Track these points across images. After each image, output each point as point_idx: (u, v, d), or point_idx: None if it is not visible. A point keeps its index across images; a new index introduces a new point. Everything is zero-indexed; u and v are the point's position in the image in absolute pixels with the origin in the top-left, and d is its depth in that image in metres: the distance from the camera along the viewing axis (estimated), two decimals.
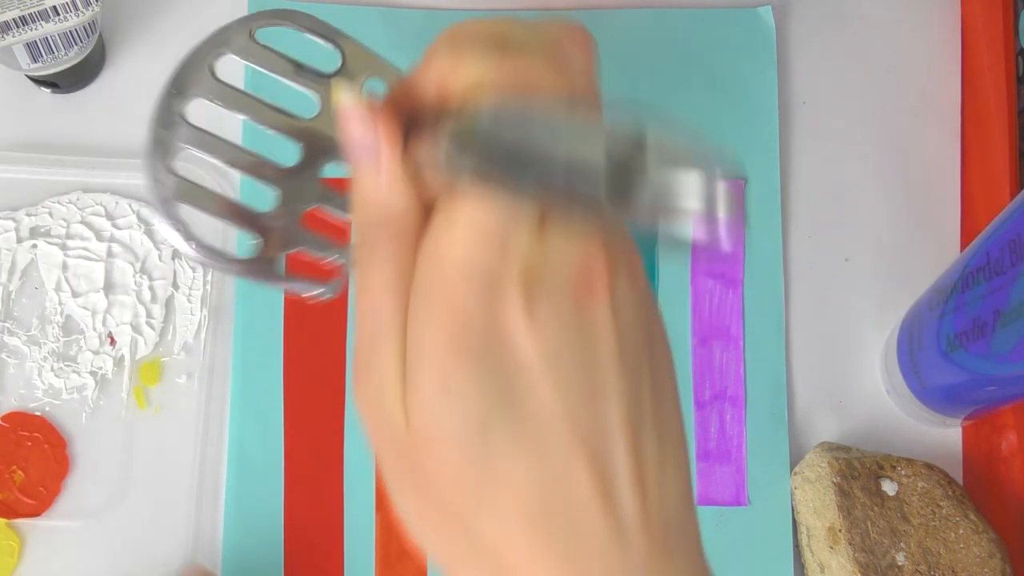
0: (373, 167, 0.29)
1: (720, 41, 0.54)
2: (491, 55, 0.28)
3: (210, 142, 0.42)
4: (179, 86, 0.42)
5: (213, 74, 0.42)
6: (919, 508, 0.48)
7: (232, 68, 0.40)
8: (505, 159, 0.28)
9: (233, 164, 0.41)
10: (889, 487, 0.49)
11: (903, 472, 0.49)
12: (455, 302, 0.26)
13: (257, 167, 0.42)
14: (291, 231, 0.38)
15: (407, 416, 0.27)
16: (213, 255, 0.42)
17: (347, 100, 0.30)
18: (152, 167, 0.41)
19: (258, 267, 0.38)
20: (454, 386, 0.26)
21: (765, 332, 0.52)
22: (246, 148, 0.42)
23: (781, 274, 0.52)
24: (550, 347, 0.27)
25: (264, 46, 0.43)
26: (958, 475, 0.52)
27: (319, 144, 0.38)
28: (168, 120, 0.41)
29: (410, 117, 0.30)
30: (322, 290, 0.38)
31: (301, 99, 0.39)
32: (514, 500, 0.27)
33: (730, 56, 0.54)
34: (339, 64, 0.38)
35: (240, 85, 0.41)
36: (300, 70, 0.42)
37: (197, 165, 0.41)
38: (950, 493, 0.49)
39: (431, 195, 0.28)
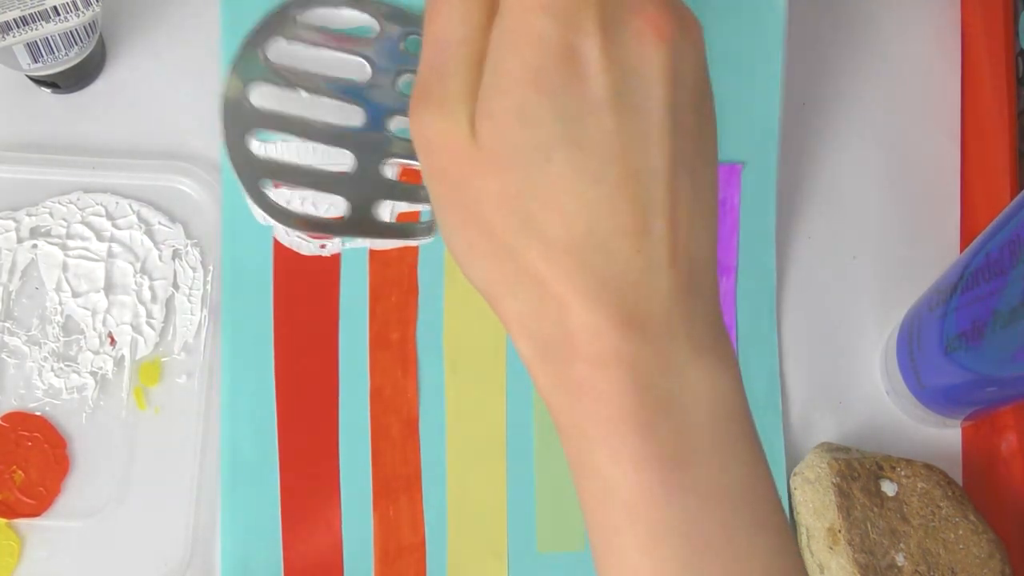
0: None
1: (728, 22, 0.52)
2: None
3: (281, 120, 0.45)
4: (239, 76, 0.44)
5: (266, 59, 0.45)
6: (919, 509, 0.48)
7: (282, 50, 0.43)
8: None
9: (307, 136, 0.44)
10: (889, 488, 0.49)
11: (903, 473, 0.49)
12: (537, 35, 0.28)
13: (330, 134, 0.45)
14: (376, 185, 0.41)
15: (476, 135, 0.29)
16: (314, 226, 0.47)
17: None
18: (232, 157, 0.44)
19: (357, 224, 0.42)
20: (530, 113, 0.28)
21: (759, 333, 0.52)
22: (315, 119, 0.44)
23: (774, 274, 0.52)
24: (619, 84, 0.29)
25: (310, 25, 0.45)
26: (958, 476, 0.52)
27: (378, 104, 0.41)
28: (236, 109, 0.44)
29: None
30: (422, 239, 0.43)
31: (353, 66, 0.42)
32: (560, 225, 0.29)
33: (737, 37, 0.52)
34: (378, 29, 0.42)
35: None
36: (346, 39, 0.45)
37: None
38: (949, 494, 0.49)
39: None
